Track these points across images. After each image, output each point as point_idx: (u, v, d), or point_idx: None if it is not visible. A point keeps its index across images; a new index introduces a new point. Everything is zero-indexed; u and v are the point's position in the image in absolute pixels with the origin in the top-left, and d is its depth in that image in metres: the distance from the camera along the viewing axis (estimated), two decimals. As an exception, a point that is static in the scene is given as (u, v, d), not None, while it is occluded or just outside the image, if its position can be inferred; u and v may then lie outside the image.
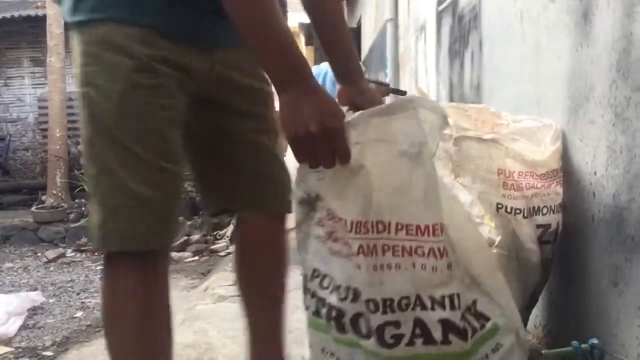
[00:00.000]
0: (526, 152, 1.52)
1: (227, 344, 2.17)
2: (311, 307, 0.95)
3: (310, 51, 14.88)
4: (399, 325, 0.87)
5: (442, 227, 0.90)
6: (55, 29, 7.20)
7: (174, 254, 4.80)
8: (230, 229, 5.80)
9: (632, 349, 1.22)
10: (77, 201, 7.15)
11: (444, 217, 0.91)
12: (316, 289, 0.94)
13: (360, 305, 0.88)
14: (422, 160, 0.90)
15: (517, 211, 1.50)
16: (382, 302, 0.88)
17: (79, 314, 3.46)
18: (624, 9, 1.26)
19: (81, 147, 1.28)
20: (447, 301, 0.88)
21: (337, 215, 0.92)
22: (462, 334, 0.88)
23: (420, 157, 0.90)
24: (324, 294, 0.92)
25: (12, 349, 2.61)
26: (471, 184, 1.52)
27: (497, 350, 0.92)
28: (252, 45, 1.00)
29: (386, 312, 0.88)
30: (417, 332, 0.87)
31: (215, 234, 5.75)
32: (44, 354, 2.60)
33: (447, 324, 0.88)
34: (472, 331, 0.90)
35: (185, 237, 5.32)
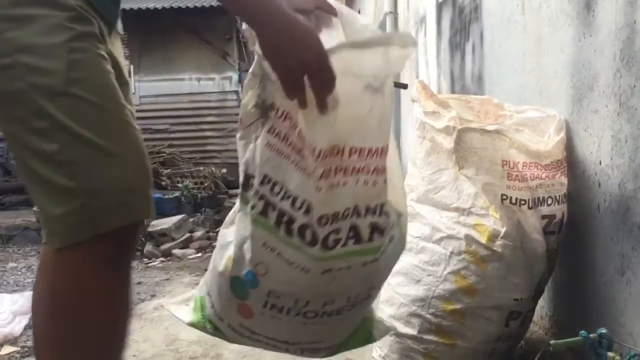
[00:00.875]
0: (530, 143, 1.52)
1: (233, 340, 2.17)
2: (257, 207, 1.01)
3: None
4: (338, 231, 1.01)
5: (387, 148, 1.02)
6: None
7: (178, 251, 4.80)
8: (232, 225, 5.80)
9: None
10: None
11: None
12: (266, 193, 1.01)
13: (311, 218, 0.98)
14: (383, 92, 0.98)
15: (522, 202, 1.50)
16: (331, 216, 0.99)
17: (84, 312, 3.46)
18: (627, -3, 1.26)
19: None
20: (377, 208, 1.03)
21: (300, 130, 0.97)
22: (381, 231, 1.04)
23: (381, 89, 0.98)
24: (275, 200, 1.00)
25: (18, 348, 2.61)
26: (475, 176, 1.52)
27: (392, 240, 1.08)
28: None
29: (332, 223, 1.00)
30: (351, 234, 1.02)
31: (218, 230, 5.76)
32: (50, 352, 2.61)
33: (374, 226, 1.03)
34: (386, 227, 1.05)
35: (188, 234, 5.32)
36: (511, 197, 1.49)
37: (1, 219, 6.84)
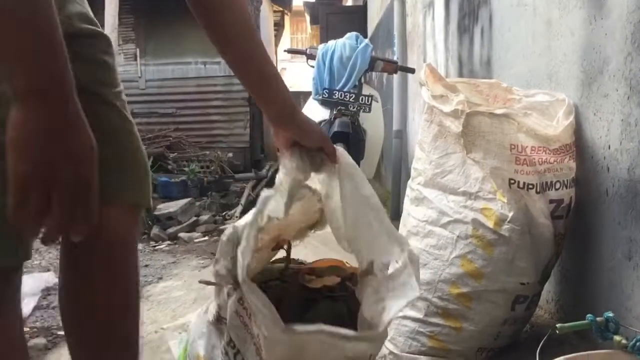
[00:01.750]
0: (539, 127, 1.51)
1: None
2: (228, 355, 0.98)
3: (316, 30, 14.74)
4: None
5: None
6: None
7: (184, 235, 4.82)
8: (239, 209, 5.82)
9: (646, 322, 1.22)
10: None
11: None
12: (229, 353, 0.97)
13: None
14: None
15: (530, 186, 1.49)
16: None
17: (92, 294, 3.49)
18: (640, -21, 1.24)
19: None
20: None
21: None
22: None
23: None
24: None
25: (27, 329, 2.64)
26: (483, 160, 1.51)
27: None
28: None
29: None
30: None
31: (224, 214, 5.77)
32: (59, 333, 2.63)
33: None
34: None
35: (194, 218, 5.34)
36: (519, 181, 1.49)
37: None
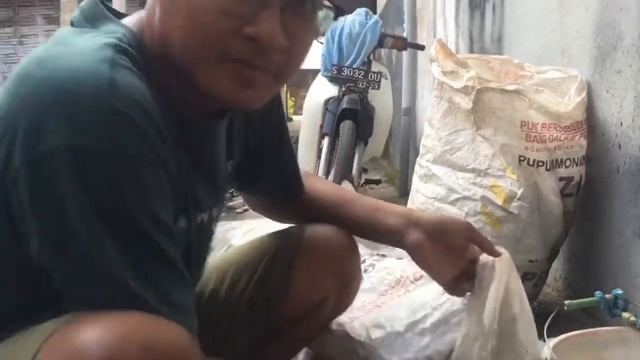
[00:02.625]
0: (550, 104, 1.50)
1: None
2: None
3: (324, 7, 14.60)
4: None
5: None
6: (67, -15, 7.14)
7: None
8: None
9: (654, 299, 1.22)
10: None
11: None
12: None
13: None
14: None
15: (540, 163, 1.48)
16: None
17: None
18: (657, -48, 1.22)
19: None
20: None
21: None
22: None
23: None
24: None
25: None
26: (493, 137, 1.50)
27: None
28: None
29: None
30: None
31: (232, 190, 5.78)
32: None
33: None
34: None
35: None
36: (529, 159, 1.48)
37: None
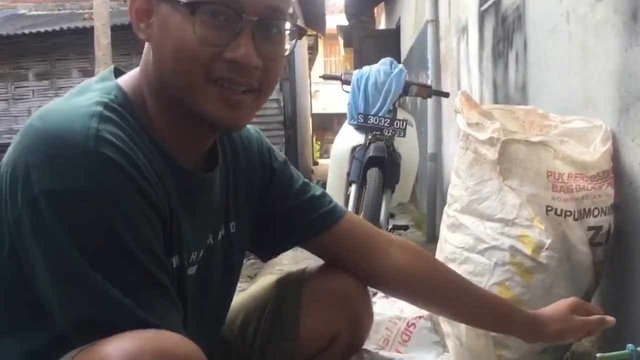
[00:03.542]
0: (575, 154, 1.51)
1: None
2: None
3: (349, 53, 14.86)
4: None
5: None
6: (102, 39, 7.42)
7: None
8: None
9: (690, 352, 1.20)
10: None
11: None
12: None
13: None
14: None
15: (567, 213, 1.49)
16: None
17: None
18: (676, 8, 1.25)
19: None
20: None
21: None
22: None
23: None
24: None
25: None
26: (519, 187, 1.52)
27: None
28: None
29: None
30: None
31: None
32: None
33: None
34: None
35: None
36: (556, 209, 1.49)
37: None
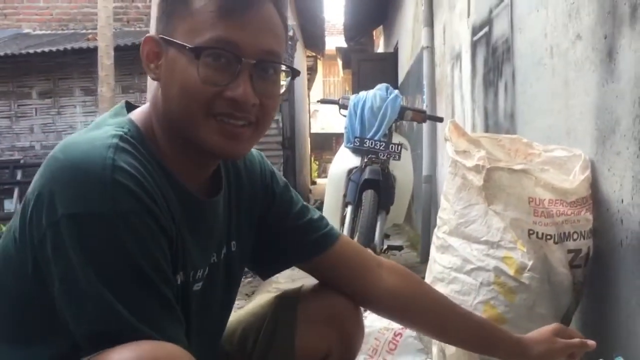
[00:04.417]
0: (556, 181, 1.62)
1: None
2: None
3: (348, 74, 15.03)
4: None
5: None
6: (105, 60, 7.54)
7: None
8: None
9: (658, 368, 1.29)
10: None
11: None
12: None
13: None
14: None
15: (548, 237, 1.59)
16: None
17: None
18: (644, 50, 1.36)
19: None
20: None
21: None
22: None
23: None
24: None
25: None
26: (503, 211, 1.62)
27: None
28: None
29: None
30: None
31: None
32: None
33: None
34: None
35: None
36: (538, 232, 1.59)
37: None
